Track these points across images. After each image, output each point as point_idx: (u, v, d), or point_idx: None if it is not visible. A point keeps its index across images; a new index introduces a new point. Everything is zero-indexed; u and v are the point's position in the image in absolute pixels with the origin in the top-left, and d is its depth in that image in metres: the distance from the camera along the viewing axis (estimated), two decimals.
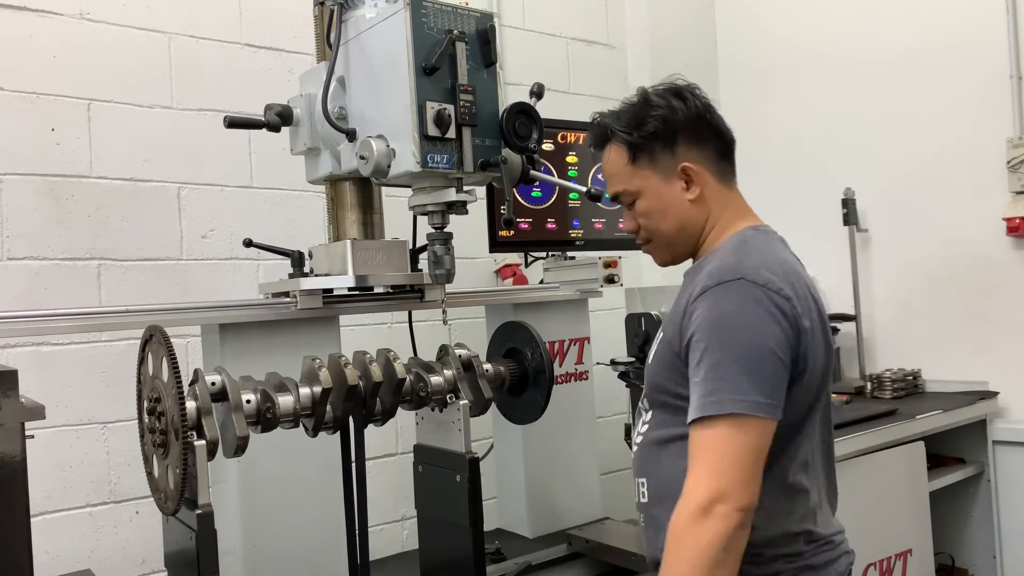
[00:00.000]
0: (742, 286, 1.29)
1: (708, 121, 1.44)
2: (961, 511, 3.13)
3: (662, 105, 1.43)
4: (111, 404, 2.37)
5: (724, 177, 1.46)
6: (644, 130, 1.42)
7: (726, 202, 1.46)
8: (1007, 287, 3.09)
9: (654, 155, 1.43)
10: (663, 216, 1.45)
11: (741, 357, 1.24)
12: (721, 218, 1.45)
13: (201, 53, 2.57)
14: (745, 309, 1.27)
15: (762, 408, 1.23)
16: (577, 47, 3.57)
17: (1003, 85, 3.07)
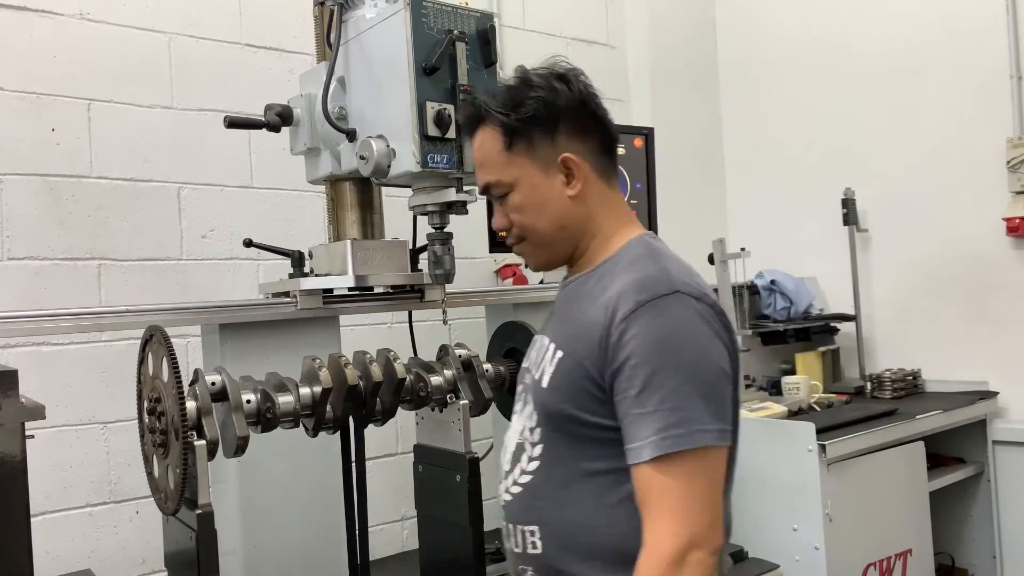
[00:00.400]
0: (680, 301, 1.14)
1: (592, 110, 1.28)
2: (961, 511, 3.13)
3: (544, 87, 1.25)
4: (111, 404, 2.37)
5: (607, 175, 1.31)
6: (522, 112, 1.24)
7: (611, 204, 1.30)
8: (1007, 287, 3.09)
9: (533, 142, 1.25)
10: (539, 212, 1.27)
11: (698, 382, 1.11)
12: (606, 223, 1.29)
13: (201, 53, 2.57)
14: (692, 327, 1.14)
15: (724, 437, 1.11)
16: (577, 47, 3.57)
17: (1003, 85, 3.07)
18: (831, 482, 2.35)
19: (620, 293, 1.17)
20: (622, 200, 1.35)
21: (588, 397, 1.18)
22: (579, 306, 1.25)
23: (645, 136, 2.66)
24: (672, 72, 3.78)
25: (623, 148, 2.59)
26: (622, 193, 1.37)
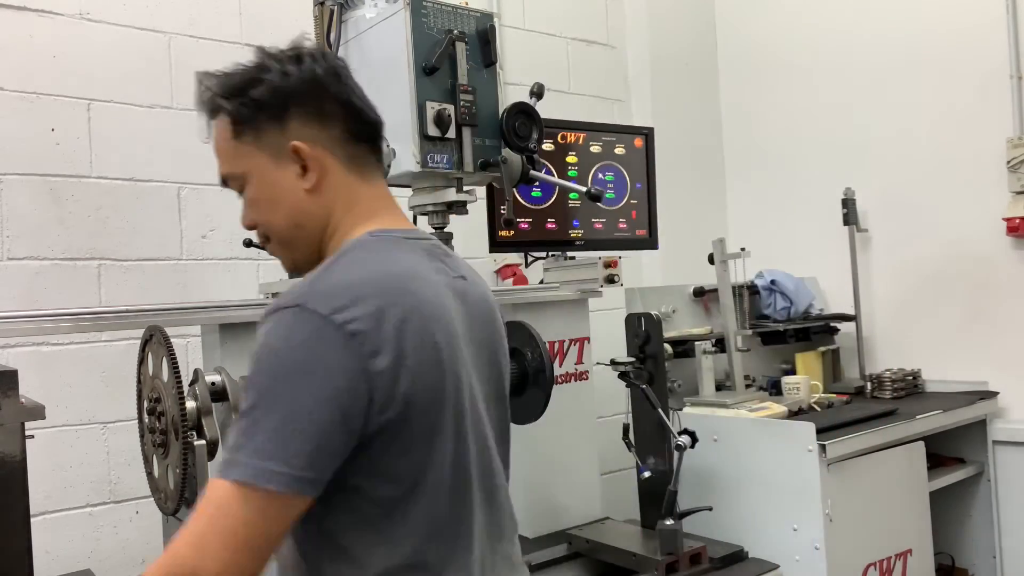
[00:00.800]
0: (296, 315, 0.98)
1: (334, 94, 1.13)
2: (961, 511, 3.13)
3: (274, 69, 1.11)
4: (111, 404, 2.37)
5: (355, 164, 1.15)
6: (247, 97, 1.10)
7: (354, 197, 1.14)
8: (1007, 287, 3.09)
9: (260, 129, 1.11)
10: (274, 207, 1.14)
11: (277, 412, 0.95)
12: (345, 219, 1.14)
13: (201, 53, 2.57)
14: (292, 347, 0.97)
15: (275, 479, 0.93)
16: (577, 47, 3.57)
17: (1003, 85, 3.07)
18: (831, 482, 2.35)
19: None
20: (376, 193, 1.17)
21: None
22: None
23: (645, 136, 2.66)
24: (672, 72, 3.78)
25: (623, 148, 2.59)
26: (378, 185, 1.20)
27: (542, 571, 2.19)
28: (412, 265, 1.10)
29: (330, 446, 0.97)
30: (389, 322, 0.99)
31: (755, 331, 3.09)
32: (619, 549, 2.17)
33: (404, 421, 1.00)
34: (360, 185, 1.16)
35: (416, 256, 1.12)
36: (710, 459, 2.51)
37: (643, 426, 2.39)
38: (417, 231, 1.20)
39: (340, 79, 1.14)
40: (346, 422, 0.97)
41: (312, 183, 1.12)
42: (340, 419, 0.96)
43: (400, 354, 0.99)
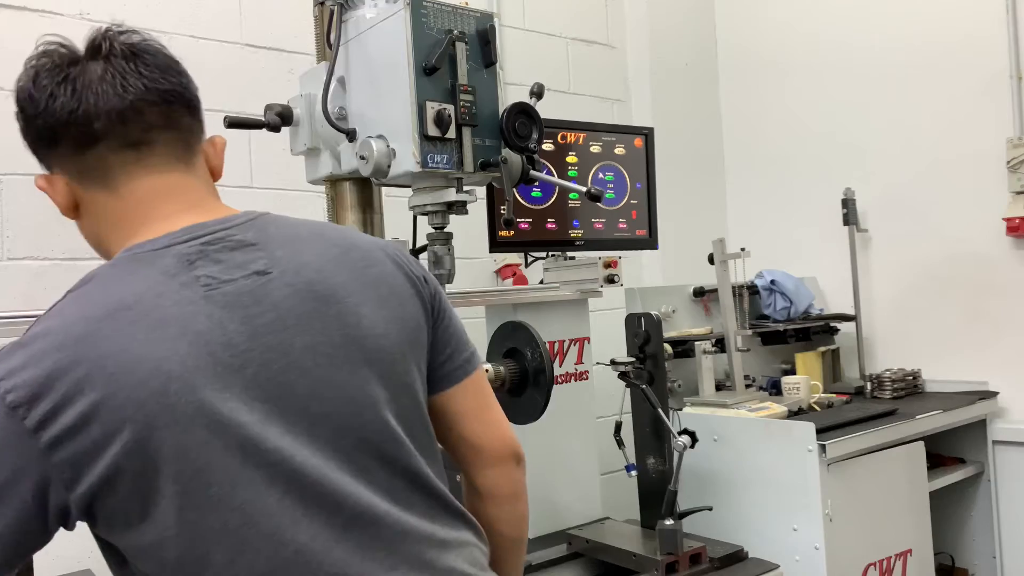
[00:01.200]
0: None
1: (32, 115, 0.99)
2: (961, 511, 3.13)
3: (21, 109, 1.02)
4: None
5: (92, 178, 1.00)
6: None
7: (111, 216, 1.00)
8: (1007, 287, 3.09)
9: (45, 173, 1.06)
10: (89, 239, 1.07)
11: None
12: (113, 239, 1.00)
13: (201, 53, 2.57)
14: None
15: None
16: (577, 47, 3.57)
17: (1003, 85, 3.07)
18: (831, 482, 2.35)
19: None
20: (128, 202, 1.00)
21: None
22: None
23: (645, 136, 2.66)
24: (672, 72, 3.78)
25: (623, 148, 2.59)
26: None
27: (542, 571, 2.19)
28: (130, 296, 0.90)
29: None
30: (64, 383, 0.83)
31: (755, 331, 3.10)
32: (619, 549, 2.17)
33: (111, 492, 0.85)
34: (108, 199, 1.00)
35: (152, 277, 0.92)
36: (710, 459, 2.51)
37: (643, 426, 2.39)
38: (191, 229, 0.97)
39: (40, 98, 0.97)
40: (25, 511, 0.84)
41: (65, 211, 1.04)
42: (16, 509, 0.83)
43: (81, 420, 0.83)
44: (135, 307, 0.89)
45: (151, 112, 0.99)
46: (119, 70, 0.98)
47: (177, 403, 0.86)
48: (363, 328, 1.00)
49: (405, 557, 0.96)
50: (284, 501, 0.89)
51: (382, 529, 0.95)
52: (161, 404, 0.85)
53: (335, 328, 0.97)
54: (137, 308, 0.89)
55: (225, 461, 0.87)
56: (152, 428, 0.84)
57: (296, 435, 0.91)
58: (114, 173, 0.99)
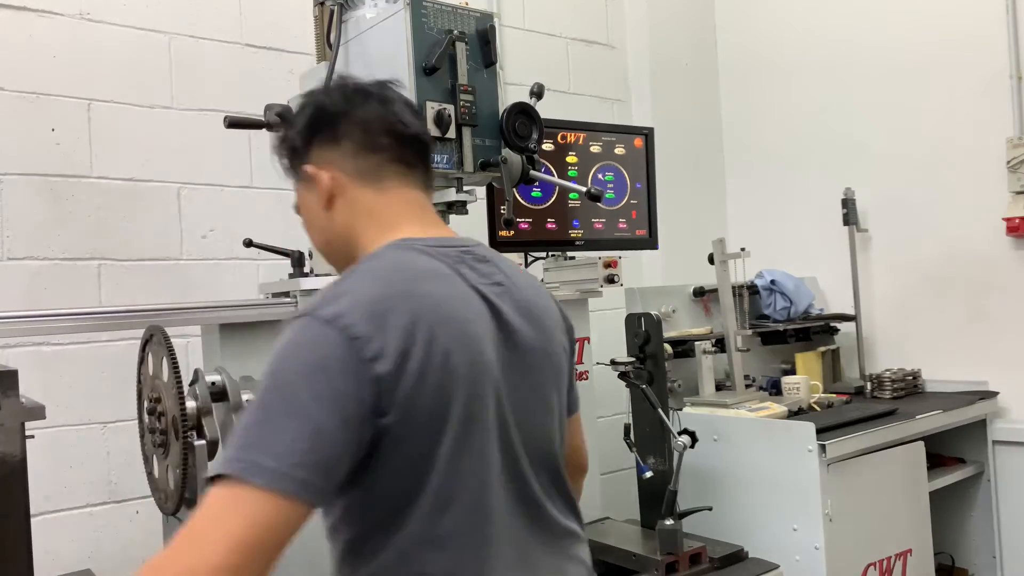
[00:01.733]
0: (304, 323, 1.01)
1: (344, 112, 1.19)
2: (961, 511, 3.13)
3: (299, 109, 1.26)
4: (111, 404, 2.37)
5: (370, 177, 1.19)
6: (283, 146, 1.27)
7: (372, 211, 1.18)
8: (1007, 287, 3.09)
9: (292, 162, 1.25)
10: (310, 228, 1.26)
11: (266, 408, 0.96)
12: (367, 231, 1.18)
13: (201, 53, 2.57)
14: (296, 351, 0.99)
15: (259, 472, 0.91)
16: (577, 47, 3.57)
17: (1003, 85, 3.07)
18: (831, 482, 2.35)
19: None
20: (395, 201, 1.20)
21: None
22: None
23: (645, 136, 2.66)
24: (672, 72, 3.78)
25: (623, 148, 2.59)
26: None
27: None
28: (426, 272, 1.10)
29: (328, 448, 0.95)
30: (392, 327, 1.00)
31: (755, 331, 3.09)
32: (619, 549, 2.17)
33: (406, 426, 1.00)
34: (376, 197, 1.19)
35: (435, 263, 1.12)
36: (710, 459, 2.51)
37: (643, 426, 2.39)
38: (445, 239, 1.18)
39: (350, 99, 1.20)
40: (346, 426, 0.96)
41: (325, 202, 1.19)
42: (340, 422, 0.95)
43: (403, 359, 0.99)
44: (436, 278, 1.09)
45: (417, 146, 1.22)
46: (406, 105, 1.23)
47: (477, 361, 1.06)
48: (554, 346, 1.22)
49: (559, 547, 1.17)
50: (501, 467, 1.09)
51: (544, 517, 1.16)
52: (465, 358, 1.04)
53: (542, 342, 1.19)
54: (437, 279, 1.09)
55: (487, 418, 1.07)
56: (455, 376, 1.03)
57: (517, 419, 1.13)
58: (387, 179, 1.19)
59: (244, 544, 0.89)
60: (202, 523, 0.91)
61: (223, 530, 0.89)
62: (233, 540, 0.89)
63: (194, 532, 0.90)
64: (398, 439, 1.00)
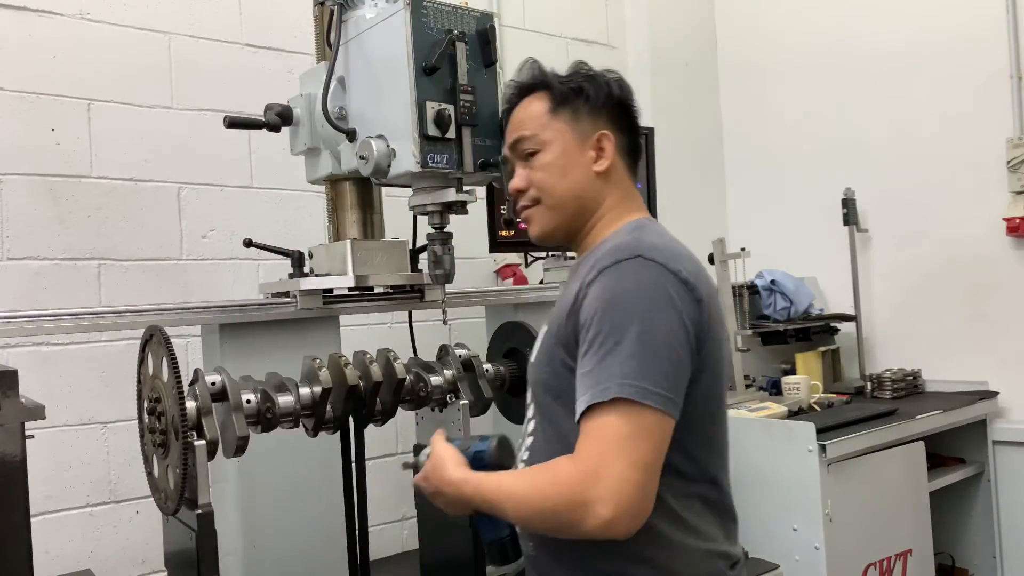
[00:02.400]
0: (639, 264, 1.16)
1: (630, 115, 1.39)
2: (961, 511, 3.13)
3: (599, 80, 1.37)
4: (111, 404, 2.37)
5: (629, 169, 1.40)
6: (574, 84, 1.36)
7: (627, 192, 1.37)
8: (1007, 287, 3.09)
9: (577, 112, 1.34)
10: (563, 175, 1.34)
11: (637, 342, 1.10)
12: (617, 206, 1.35)
13: (201, 53, 2.57)
14: (643, 290, 1.14)
15: (650, 396, 1.08)
16: (577, 47, 3.57)
17: (1003, 85, 3.07)
18: (831, 482, 2.35)
19: (592, 264, 1.22)
20: (637, 192, 1.41)
21: (561, 364, 1.22)
22: (567, 286, 1.32)
23: (645, 136, 2.65)
24: (672, 72, 3.78)
25: None
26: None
27: None
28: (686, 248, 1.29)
29: (682, 371, 1.14)
30: (700, 279, 1.21)
31: (755, 331, 3.09)
32: None
33: (707, 355, 1.19)
34: (629, 184, 1.39)
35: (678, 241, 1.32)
36: None
37: None
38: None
39: (634, 107, 1.41)
40: (690, 352, 1.15)
41: (602, 168, 1.34)
42: (687, 349, 1.15)
43: (708, 303, 1.20)
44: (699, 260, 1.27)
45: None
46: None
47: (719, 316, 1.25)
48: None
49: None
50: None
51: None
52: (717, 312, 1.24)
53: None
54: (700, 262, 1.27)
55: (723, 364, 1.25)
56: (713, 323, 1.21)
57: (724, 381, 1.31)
58: (633, 169, 1.40)
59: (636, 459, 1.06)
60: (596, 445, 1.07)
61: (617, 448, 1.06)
62: (627, 455, 1.06)
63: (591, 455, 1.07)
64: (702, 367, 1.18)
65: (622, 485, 1.05)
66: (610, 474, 1.05)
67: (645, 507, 1.08)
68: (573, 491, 1.07)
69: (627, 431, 1.07)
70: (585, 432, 1.10)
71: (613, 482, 1.05)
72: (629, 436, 1.07)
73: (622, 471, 1.05)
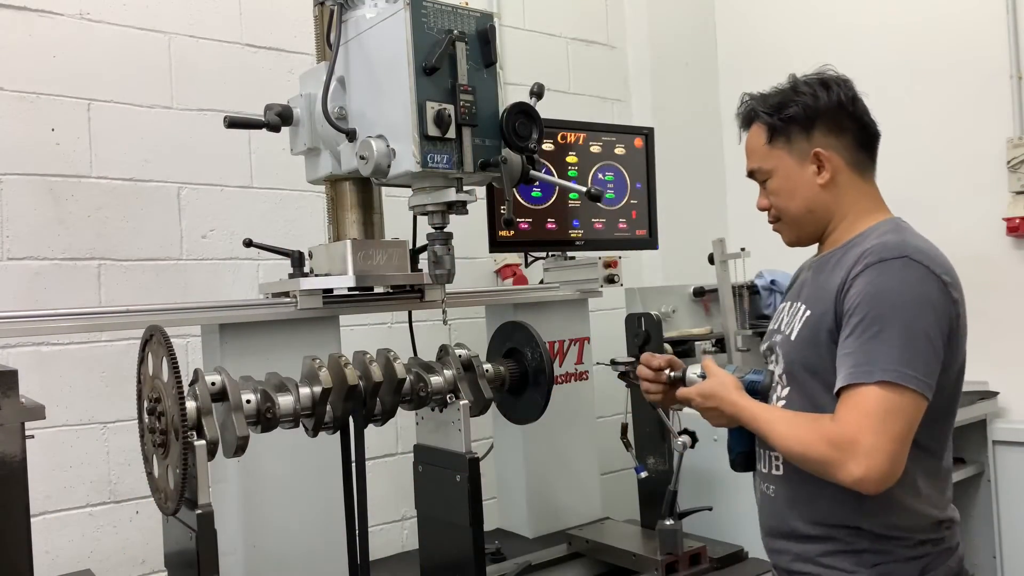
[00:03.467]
0: (905, 264, 1.35)
1: (850, 112, 1.52)
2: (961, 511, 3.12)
3: (807, 93, 1.54)
4: (111, 404, 2.37)
5: (860, 167, 1.52)
6: (784, 114, 1.52)
7: (860, 192, 1.52)
8: (1007, 287, 3.09)
9: (791, 138, 1.51)
10: (791, 196, 1.53)
11: (898, 333, 1.30)
12: (854, 208, 1.52)
13: (201, 53, 2.57)
14: (907, 288, 1.33)
15: (909, 379, 1.28)
16: (577, 47, 3.57)
17: (1003, 85, 3.07)
18: None
19: (858, 257, 1.39)
20: (873, 189, 1.55)
21: (826, 346, 1.40)
22: (828, 274, 1.46)
23: (645, 136, 2.66)
24: (672, 72, 3.78)
25: (623, 148, 2.60)
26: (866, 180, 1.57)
27: (542, 571, 2.20)
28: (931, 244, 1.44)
29: (930, 360, 1.31)
30: (956, 280, 1.38)
31: (755, 331, 3.09)
32: (619, 549, 2.17)
33: (956, 347, 1.38)
34: (862, 183, 1.53)
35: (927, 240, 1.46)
36: (710, 459, 2.50)
37: (643, 426, 2.39)
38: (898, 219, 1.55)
39: (855, 101, 1.54)
40: (936, 344, 1.32)
41: (825, 180, 1.50)
42: (941, 342, 1.32)
43: (961, 302, 1.38)
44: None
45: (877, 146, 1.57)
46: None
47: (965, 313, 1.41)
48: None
49: None
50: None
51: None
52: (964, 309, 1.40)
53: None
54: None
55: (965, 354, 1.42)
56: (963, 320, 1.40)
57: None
58: (870, 173, 1.55)
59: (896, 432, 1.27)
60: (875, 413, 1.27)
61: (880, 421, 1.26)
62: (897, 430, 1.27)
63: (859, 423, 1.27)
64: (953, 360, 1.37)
65: (877, 453, 1.26)
66: (867, 442, 1.26)
67: (894, 473, 1.28)
68: (832, 448, 1.29)
69: (887, 407, 1.27)
70: (846, 403, 1.30)
71: (868, 449, 1.26)
72: (888, 411, 1.27)
73: (877, 441, 1.26)
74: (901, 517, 1.38)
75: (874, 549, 1.39)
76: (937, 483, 1.42)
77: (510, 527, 2.46)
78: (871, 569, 1.38)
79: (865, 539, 1.39)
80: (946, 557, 1.42)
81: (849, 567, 1.40)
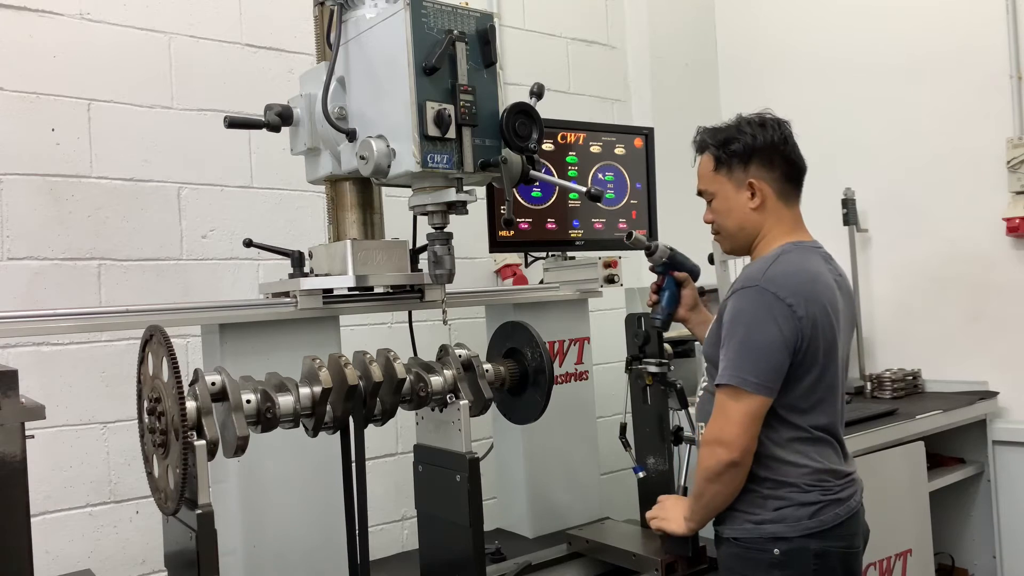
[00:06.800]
0: (757, 292, 1.67)
1: (782, 151, 1.81)
2: (961, 511, 3.13)
3: (747, 132, 1.81)
4: (111, 404, 2.37)
5: (785, 197, 1.82)
6: (728, 148, 1.81)
7: (780, 217, 1.82)
8: (1007, 287, 3.09)
9: (732, 168, 1.81)
10: (728, 215, 1.83)
11: (746, 348, 1.65)
12: (773, 230, 1.81)
13: (201, 53, 2.57)
14: (752, 312, 1.67)
15: (751, 385, 1.63)
16: (577, 47, 3.57)
17: (1003, 85, 3.07)
18: None
19: (734, 283, 1.74)
20: (795, 216, 1.86)
21: (719, 347, 1.72)
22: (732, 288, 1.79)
23: (645, 136, 2.66)
24: (672, 72, 3.78)
25: (623, 148, 2.60)
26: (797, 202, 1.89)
27: (542, 571, 2.19)
28: (816, 267, 1.74)
29: (773, 366, 1.63)
30: (809, 301, 1.66)
31: None
32: (619, 549, 2.17)
33: (807, 351, 1.66)
34: (784, 209, 1.83)
35: (817, 260, 1.77)
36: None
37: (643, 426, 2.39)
38: (815, 242, 1.84)
39: (787, 142, 1.83)
40: (780, 354, 1.63)
41: (756, 204, 1.80)
42: (776, 352, 1.63)
43: (818, 319, 1.67)
44: (821, 273, 1.75)
45: (802, 177, 1.88)
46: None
47: (831, 323, 1.71)
48: (850, 328, 1.85)
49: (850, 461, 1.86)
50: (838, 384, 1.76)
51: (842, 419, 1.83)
52: (833, 319, 1.71)
53: (850, 318, 1.83)
54: (823, 274, 1.75)
55: (834, 351, 1.72)
56: (829, 327, 1.70)
57: (843, 356, 1.80)
58: (794, 201, 1.86)
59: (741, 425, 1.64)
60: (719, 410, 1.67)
61: (729, 416, 1.65)
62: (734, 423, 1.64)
63: (717, 415, 1.67)
64: (803, 359, 1.66)
65: (728, 440, 1.65)
66: (725, 433, 1.65)
67: (747, 448, 1.64)
68: (704, 448, 1.70)
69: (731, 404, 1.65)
70: (717, 401, 1.69)
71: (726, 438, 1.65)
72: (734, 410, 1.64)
73: (727, 428, 1.65)
74: (788, 471, 1.70)
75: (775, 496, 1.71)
76: (809, 448, 1.72)
77: (510, 527, 2.46)
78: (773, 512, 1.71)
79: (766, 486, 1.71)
80: (835, 506, 1.71)
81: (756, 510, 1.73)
